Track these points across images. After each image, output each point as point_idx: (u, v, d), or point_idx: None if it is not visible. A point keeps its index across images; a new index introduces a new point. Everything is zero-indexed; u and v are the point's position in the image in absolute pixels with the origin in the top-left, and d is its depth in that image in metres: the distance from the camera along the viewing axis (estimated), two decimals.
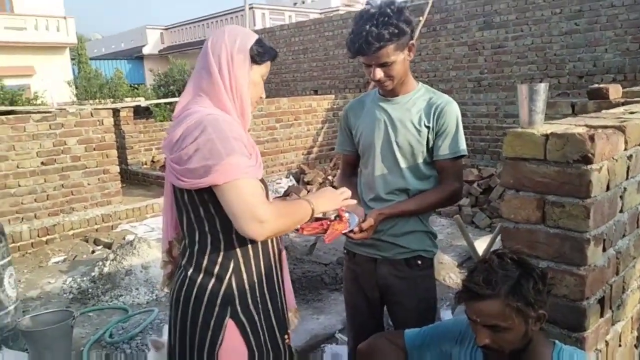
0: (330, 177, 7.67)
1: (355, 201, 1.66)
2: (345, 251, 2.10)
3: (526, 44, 7.14)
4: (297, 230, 1.59)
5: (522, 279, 1.28)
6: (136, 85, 15.37)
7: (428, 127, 1.90)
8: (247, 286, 1.43)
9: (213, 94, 1.41)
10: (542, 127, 1.50)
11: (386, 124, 1.93)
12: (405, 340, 1.63)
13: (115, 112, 8.79)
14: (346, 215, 1.69)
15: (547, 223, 1.45)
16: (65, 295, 4.00)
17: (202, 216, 1.39)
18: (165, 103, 10.17)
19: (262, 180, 1.45)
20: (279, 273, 1.56)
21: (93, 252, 5.08)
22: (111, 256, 4.16)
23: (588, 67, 6.64)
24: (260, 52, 1.47)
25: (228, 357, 1.41)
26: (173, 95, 10.58)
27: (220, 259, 1.41)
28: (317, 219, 1.62)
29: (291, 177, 7.92)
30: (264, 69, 1.50)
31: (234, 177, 1.27)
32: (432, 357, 1.57)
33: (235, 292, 1.41)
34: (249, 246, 1.43)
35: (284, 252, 1.62)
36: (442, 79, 8.13)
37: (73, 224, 5.54)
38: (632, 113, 1.93)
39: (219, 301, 1.40)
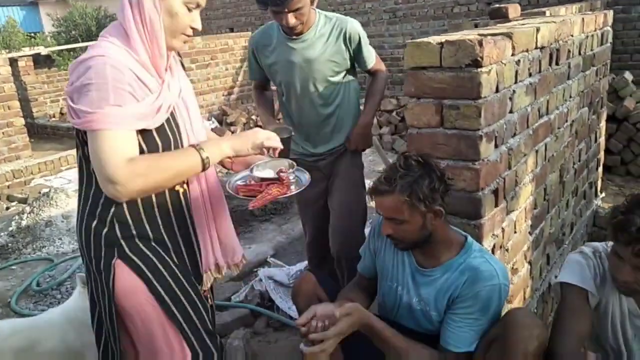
0: (254, 117, 7.60)
1: (281, 146, 1.48)
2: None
3: None
4: (237, 193, 1.49)
5: (419, 178, 1.41)
6: (33, 34, 13.96)
7: (343, 52, 2.11)
8: (133, 230, 1.35)
9: (122, 29, 1.27)
10: (438, 37, 1.60)
11: (301, 66, 2.08)
12: (360, 273, 1.81)
13: (13, 62, 8.05)
14: (290, 177, 1.50)
15: (445, 125, 1.59)
16: None
17: (87, 154, 1.29)
18: (67, 50, 9.39)
19: (172, 132, 1.35)
20: (189, 221, 1.45)
21: (7, 208, 4.82)
22: (27, 209, 3.97)
23: None
24: None
25: (128, 300, 1.35)
26: (76, 41, 9.76)
27: (102, 200, 1.33)
28: (264, 180, 1.48)
29: (213, 119, 7.75)
30: None
31: (97, 127, 1.19)
32: (368, 258, 1.77)
33: (119, 234, 1.34)
34: None
35: (205, 205, 1.48)
36: (359, 11, 8.12)
37: None
38: (522, 24, 2.09)
39: (103, 242, 1.35)
